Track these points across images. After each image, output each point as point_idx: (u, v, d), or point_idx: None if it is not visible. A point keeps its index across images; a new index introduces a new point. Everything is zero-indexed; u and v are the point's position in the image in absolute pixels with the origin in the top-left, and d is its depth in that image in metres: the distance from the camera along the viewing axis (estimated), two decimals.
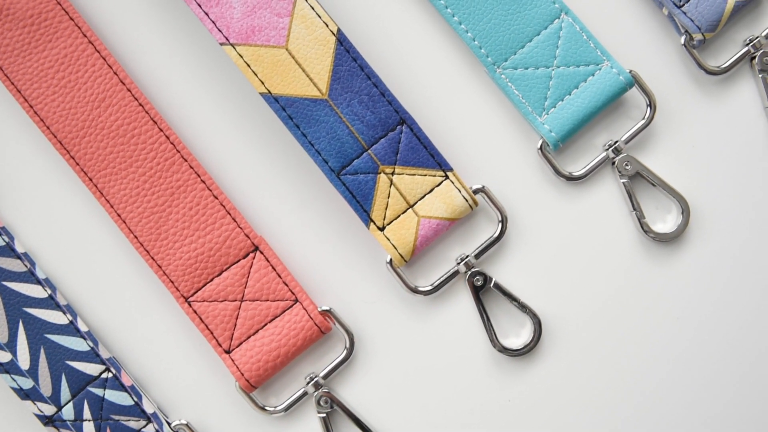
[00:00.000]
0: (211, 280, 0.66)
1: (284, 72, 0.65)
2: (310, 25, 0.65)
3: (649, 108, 0.67)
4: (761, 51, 0.68)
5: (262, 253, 0.66)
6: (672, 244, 0.67)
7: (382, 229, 0.65)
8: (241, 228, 0.66)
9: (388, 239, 0.65)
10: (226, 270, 0.66)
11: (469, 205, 0.66)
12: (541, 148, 0.66)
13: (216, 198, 0.66)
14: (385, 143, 0.65)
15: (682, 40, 0.68)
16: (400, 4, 0.68)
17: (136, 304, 0.66)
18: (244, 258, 0.66)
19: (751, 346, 0.67)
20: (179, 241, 0.65)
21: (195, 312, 0.65)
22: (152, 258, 0.65)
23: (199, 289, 0.65)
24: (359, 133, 0.65)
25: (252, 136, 0.67)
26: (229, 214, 0.66)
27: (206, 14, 0.65)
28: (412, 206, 0.65)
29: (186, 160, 0.66)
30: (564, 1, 0.68)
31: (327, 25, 0.65)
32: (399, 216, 0.65)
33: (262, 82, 0.64)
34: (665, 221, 0.68)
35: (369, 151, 0.65)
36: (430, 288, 0.66)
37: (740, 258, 0.67)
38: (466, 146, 0.67)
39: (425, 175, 0.65)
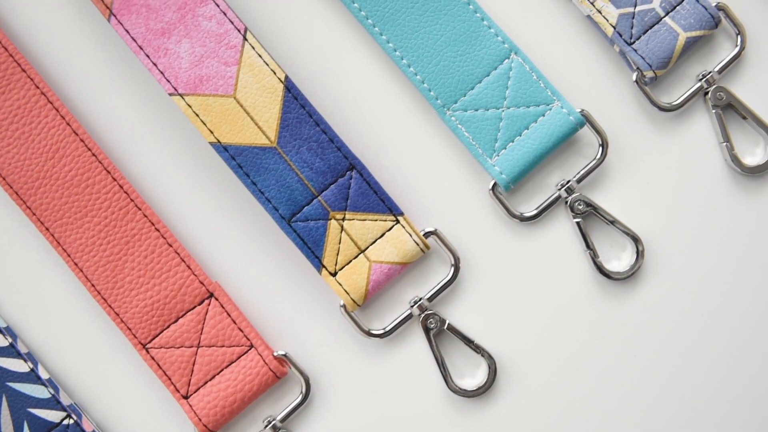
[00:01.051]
0: (168, 326, 0.66)
1: (233, 121, 0.65)
2: (257, 74, 0.65)
3: (601, 147, 0.67)
4: (714, 86, 0.68)
5: (216, 299, 0.66)
6: (627, 282, 0.67)
7: (334, 274, 0.65)
8: (195, 275, 0.66)
9: (341, 285, 0.65)
10: (182, 317, 0.66)
11: (421, 249, 0.66)
12: (492, 189, 0.67)
13: (170, 246, 0.66)
14: (335, 189, 0.65)
15: (634, 77, 0.67)
16: (350, 48, 0.68)
17: (96, 351, 0.67)
18: (199, 304, 0.67)
19: (707, 380, 0.67)
20: (135, 289, 0.66)
21: (153, 358, 0.66)
22: (110, 306, 0.66)
23: (156, 335, 0.66)
24: (309, 180, 0.65)
25: (205, 183, 0.67)
26: (184, 262, 0.66)
27: (155, 65, 0.65)
28: (363, 251, 0.66)
29: (140, 209, 0.66)
30: (514, 41, 0.68)
31: (274, 73, 0.65)
32: (351, 261, 0.65)
33: (212, 132, 0.65)
34: (620, 259, 0.67)
35: (319, 197, 0.65)
36: (384, 331, 0.66)
37: (695, 294, 0.67)
38: (418, 189, 0.67)
39: (376, 220, 0.66)
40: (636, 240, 0.67)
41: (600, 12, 0.67)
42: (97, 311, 0.67)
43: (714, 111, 0.68)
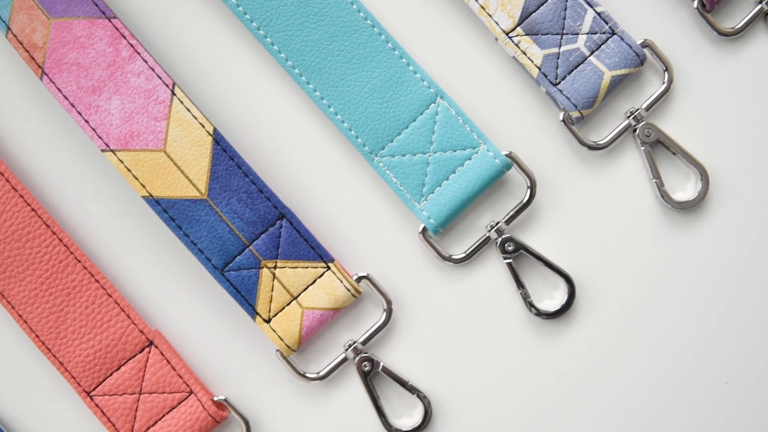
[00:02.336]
0: (111, 374, 0.68)
1: (164, 174, 0.66)
2: (186, 128, 0.66)
3: (529, 188, 0.67)
4: (642, 123, 0.68)
5: (156, 347, 0.68)
6: (560, 320, 0.68)
7: (268, 321, 0.67)
8: (135, 324, 0.68)
9: (275, 331, 0.67)
10: (124, 365, 0.68)
11: (352, 294, 0.67)
12: (422, 233, 0.67)
13: (110, 296, 0.68)
14: (266, 239, 0.67)
15: (561, 117, 0.68)
16: (278, 97, 0.69)
17: (41, 399, 0.69)
18: (140, 352, 0.68)
19: (640, 418, 0.67)
20: (78, 338, 0.68)
21: (97, 406, 0.68)
22: (54, 355, 0.68)
23: (100, 383, 0.68)
24: (239, 230, 0.67)
25: (143, 234, 0.69)
26: (124, 311, 0.68)
27: (87, 122, 0.67)
28: (295, 298, 0.67)
29: (80, 261, 0.68)
30: (441, 84, 0.69)
31: (203, 126, 0.67)
32: (284, 308, 0.67)
33: (143, 186, 0.66)
34: (552, 297, 0.68)
35: (250, 247, 0.67)
36: (319, 375, 0.67)
37: (628, 331, 0.68)
38: (350, 234, 0.68)
39: (307, 268, 0.67)
40: (568, 279, 0.67)
41: (525, 53, 0.67)
42: (42, 361, 0.69)
43: (643, 148, 0.68)
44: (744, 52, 0.69)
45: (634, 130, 0.68)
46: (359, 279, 0.67)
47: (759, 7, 0.69)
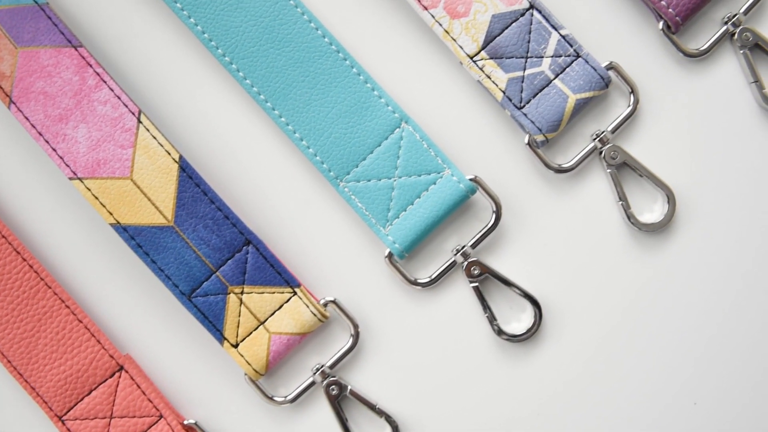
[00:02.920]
0: (82, 399, 0.69)
1: (131, 202, 0.67)
2: (152, 155, 0.67)
3: (494, 214, 0.67)
4: (608, 145, 0.68)
5: (127, 371, 0.69)
6: (525, 344, 0.68)
7: (235, 346, 0.67)
8: (105, 349, 0.69)
9: (242, 356, 0.67)
10: (95, 389, 0.69)
11: (319, 319, 0.67)
12: (388, 257, 0.68)
13: (81, 322, 0.69)
14: (232, 264, 0.67)
15: (526, 140, 0.68)
16: (245, 123, 0.69)
17: (15, 424, 0.70)
18: (110, 377, 0.69)
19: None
20: (49, 363, 0.69)
21: (69, 430, 0.69)
22: (26, 380, 0.69)
23: (71, 407, 0.69)
24: (206, 256, 0.67)
25: (112, 260, 0.69)
26: (94, 337, 0.69)
27: (54, 150, 0.67)
28: (262, 323, 0.67)
29: (50, 288, 0.69)
30: (406, 109, 0.69)
31: (169, 154, 0.67)
32: (251, 333, 0.67)
33: (111, 213, 0.67)
34: (519, 320, 0.68)
35: (217, 273, 0.67)
36: (287, 398, 0.68)
37: (596, 352, 0.68)
38: (317, 258, 0.69)
39: (273, 293, 0.67)
40: (534, 301, 0.67)
41: (489, 77, 0.67)
42: (14, 385, 0.70)
43: (609, 170, 0.68)
44: (710, 73, 0.69)
45: (600, 153, 0.68)
46: (326, 303, 0.68)
47: (724, 28, 0.69)
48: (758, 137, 0.69)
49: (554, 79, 0.67)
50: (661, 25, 0.68)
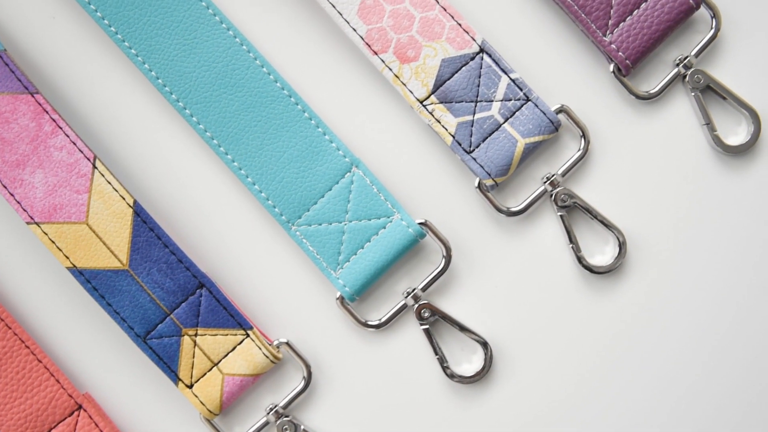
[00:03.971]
0: None
1: (86, 246, 0.68)
2: (107, 200, 0.68)
3: (444, 258, 0.68)
4: (560, 188, 0.68)
5: (86, 410, 0.70)
6: (477, 385, 0.69)
7: (190, 386, 0.68)
8: (64, 388, 0.70)
9: (197, 396, 0.68)
10: (54, 428, 0.70)
11: (271, 361, 0.68)
12: (339, 299, 0.69)
13: (40, 361, 0.70)
14: (186, 307, 0.68)
15: (476, 183, 0.68)
16: (199, 167, 0.70)
17: None
18: (69, 416, 0.70)
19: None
20: (9, 402, 0.70)
21: None
22: None
23: None
24: (160, 299, 0.68)
25: (71, 300, 0.71)
26: (53, 376, 0.70)
27: (12, 195, 0.68)
28: (216, 365, 0.68)
29: (10, 328, 0.70)
30: (355, 154, 0.69)
31: (123, 199, 0.68)
32: (205, 374, 0.68)
33: (67, 257, 0.68)
34: (470, 362, 0.69)
35: (171, 315, 0.68)
36: None
37: (541, 400, 0.68)
38: (271, 299, 0.70)
39: (227, 335, 0.68)
40: (484, 344, 0.68)
41: (439, 121, 0.68)
42: None
43: (560, 213, 0.68)
44: (662, 116, 0.69)
45: (551, 196, 0.68)
46: (279, 345, 0.69)
47: (675, 70, 0.69)
48: (710, 179, 0.69)
49: (504, 123, 0.68)
50: (612, 67, 0.69)
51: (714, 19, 0.69)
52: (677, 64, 0.69)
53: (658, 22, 0.68)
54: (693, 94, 0.69)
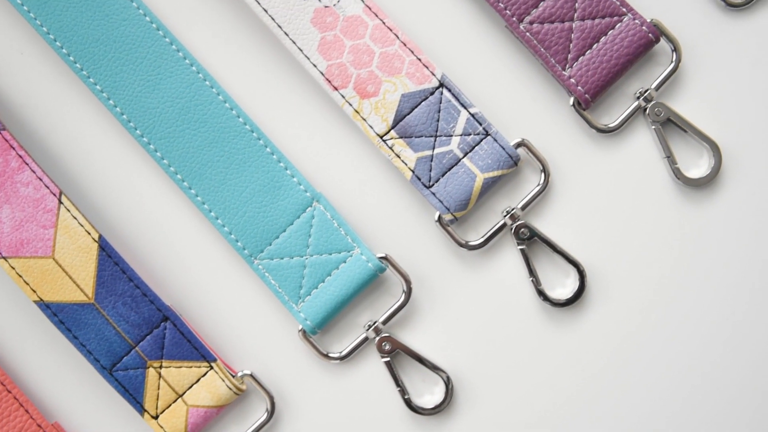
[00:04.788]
0: None
1: (53, 280, 0.69)
2: (73, 235, 0.69)
3: (404, 293, 0.69)
4: (518, 222, 0.69)
5: None
6: (438, 417, 0.69)
7: (155, 417, 0.70)
8: (33, 418, 0.71)
9: (162, 427, 0.70)
10: None
11: (234, 392, 0.69)
12: (301, 332, 0.69)
13: (10, 392, 0.72)
14: (151, 340, 0.69)
15: (435, 217, 0.69)
16: (164, 202, 0.71)
17: None
18: None
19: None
20: None
21: None
22: None
23: None
24: (125, 332, 0.69)
25: (40, 332, 0.72)
26: (23, 407, 0.72)
27: None
28: (181, 396, 0.70)
29: None
30: (316, 188, 0.70)
31: (89, 233, 0.69)
32: (170, 405, 0.70)
33: (34, 291, 0.69)
34: (433, 393, 0.70)
35: (136, 348, 0.69)
36: None
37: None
38: (234, 332, 0.71)
39: (191, 367, 0.69)
40: (444, 375, 0.69)
41: (399, 156, 0.68)
42: None
43: (520, 247, 0.69)
44: (623, 148, 0.70)
45: (511, 229, 0.69)
46: (243, 377, 0.70)
47: (636, 103, 0.69)
48: (671, 212, 0.69)
49: (463, 157, 0.68)
50: (571, 101, 0.69)
51: (674, 53, 0.69)
52: (638, 97, 0.69)
53: (617, 56, 0.68)
54: (654, 127, 0.69)
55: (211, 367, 0.70)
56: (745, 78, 0.70)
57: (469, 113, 0.69)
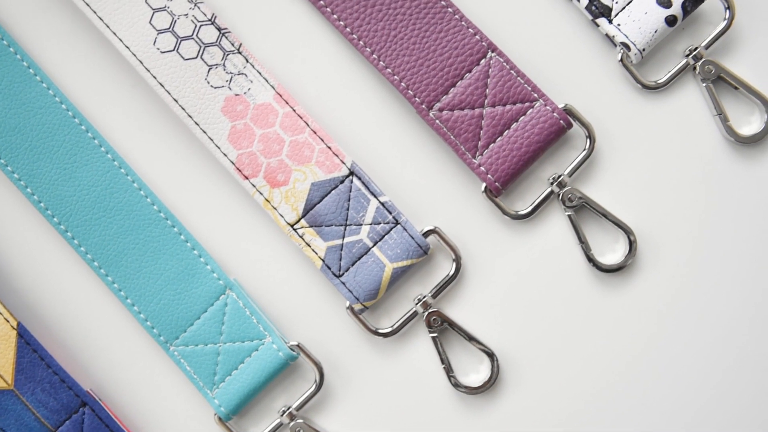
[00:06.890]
0: None
1: None
2: None
3: (315, 382, 0.69)
4: (430, 309, 0.68)
5: None
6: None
7: None
8: None
9: None
10: None
11: None
12: (217, 418, 0.70)
13: None
14: (70, 425, 0.71)
15: (347, 305, 0.69)
16: (82, 287, 0.72)
17: None
18: None
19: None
20: None
21: None
22: None
23: None
24: (45, 418, 0.71)
25: None
26: None
27: None
28: None
29: None
30: (230, 275, 0.70)
31: (8, 321, 0.70)
32: None
33: None
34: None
35: None
36: None
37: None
38: (154, 416, 0.71)
39: None
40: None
41: (309, 245, 0.69)
42: None
43: (432, 335, 0.69)
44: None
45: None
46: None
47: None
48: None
49: (372, 247, 0.68)
50: (483, 187, 0.68)
51: (588, 139, 0.68)
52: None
53: (528, 144, 0.67)
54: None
55: None
56: (661, 158, 0.69)
57: (379, 202, 0.68)
